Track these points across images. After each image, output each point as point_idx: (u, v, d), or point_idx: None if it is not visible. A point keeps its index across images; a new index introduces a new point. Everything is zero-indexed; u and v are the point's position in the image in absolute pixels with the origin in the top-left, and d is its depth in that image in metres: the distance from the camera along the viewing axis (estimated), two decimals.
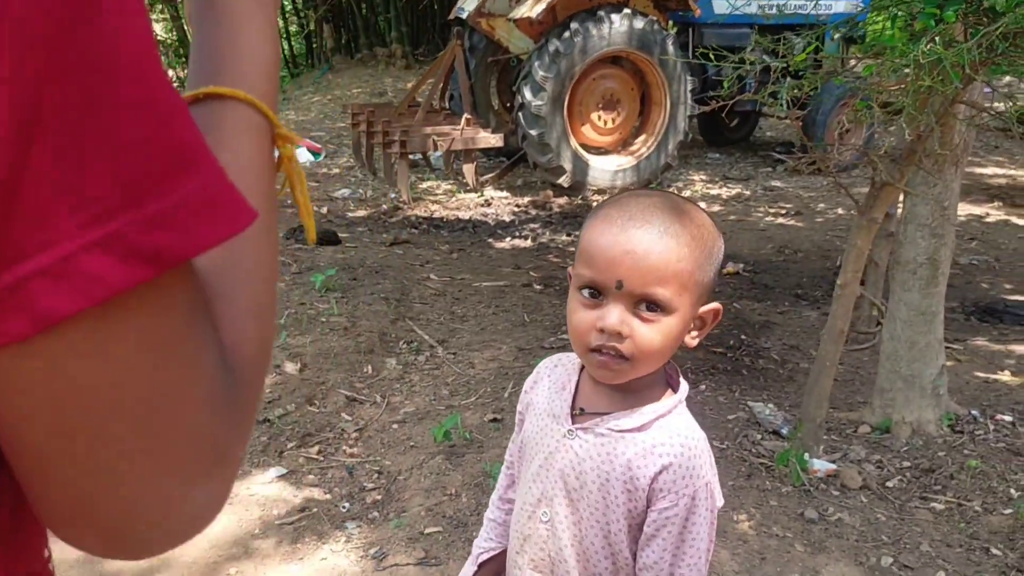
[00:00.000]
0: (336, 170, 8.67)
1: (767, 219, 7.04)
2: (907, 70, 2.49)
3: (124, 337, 0.40)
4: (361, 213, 7.01)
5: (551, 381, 1.26)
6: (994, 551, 2.65)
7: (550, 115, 7.21)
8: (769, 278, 5.60)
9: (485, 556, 1.36)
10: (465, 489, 2.96)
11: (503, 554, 1.33)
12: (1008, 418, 3.47)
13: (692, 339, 1.12)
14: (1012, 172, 8.70)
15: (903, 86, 2.30)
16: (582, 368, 1.22)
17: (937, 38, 2.01)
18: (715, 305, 1.11)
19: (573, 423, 1.18)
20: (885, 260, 4.32)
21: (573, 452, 1.16)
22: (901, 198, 3.51)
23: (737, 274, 5.61)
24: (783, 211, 7.26)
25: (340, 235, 6.10)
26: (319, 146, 9.33)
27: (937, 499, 2.94)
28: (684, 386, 1.19)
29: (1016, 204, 7.46)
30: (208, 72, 0.61)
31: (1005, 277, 5.57)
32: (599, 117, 7.61)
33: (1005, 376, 3.96)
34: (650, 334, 1.05)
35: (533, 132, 7.21)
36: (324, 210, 7.01)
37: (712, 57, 3.16)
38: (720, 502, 1.15)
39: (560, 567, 1.19)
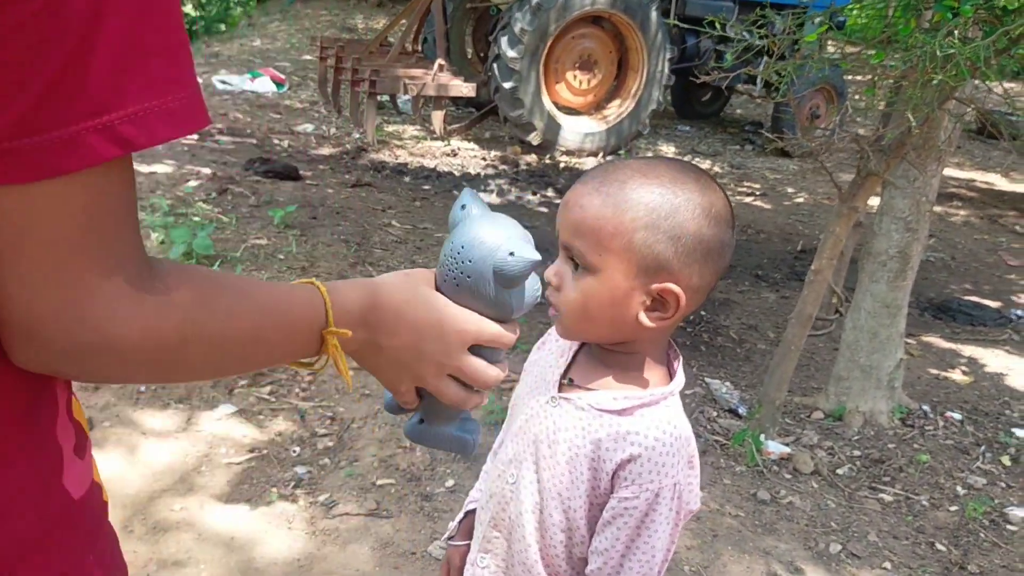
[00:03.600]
0: (299, 104, 8.43)
1: (733, 198, 7.04)
2: (888, 63, 2.47)
3: (95, 183, 0.56)
4: (324, 151, 6.83)
5: (556, 346, 1.21)
6: (939, 546, 2.69)
7: (525, 69, 7.07)
8: (731, 257, 5.60)
9: (472, 506, 1.34)
10: None
11: None
12: (957, 416, 3.53)
13: (651, 319, 1.05)
14: (972, 175, 8.84)
15: (910, 78, 2.26)
16: None
17: (955, 32, 1.97)
18: (669, 285, 1.03)
19: (559, 391, 1.15)
20: (851, 249, 4.34)
21: (551, 420, 1.13)
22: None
23: None
24: (749, 191, 7.28)
25: (301, 171, 5.93)
26: (283, 77, 9.05)
27: (886, 490, 2.98)
28: (679, 378, 1.14)
29: (974, 205, 7.58)
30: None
31: (960, 276, 5.66)
32: (575, 77, 7.49)
33: (956, 375, 4.02)
34: (571, 290, 1.06)
35: (507, 85, 7.08)
36: (286, 143, 6.82)
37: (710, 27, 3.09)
38: (695, 506, 1.11)
39: (517, 531, 1.16)
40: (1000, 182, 8.69)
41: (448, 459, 2.84)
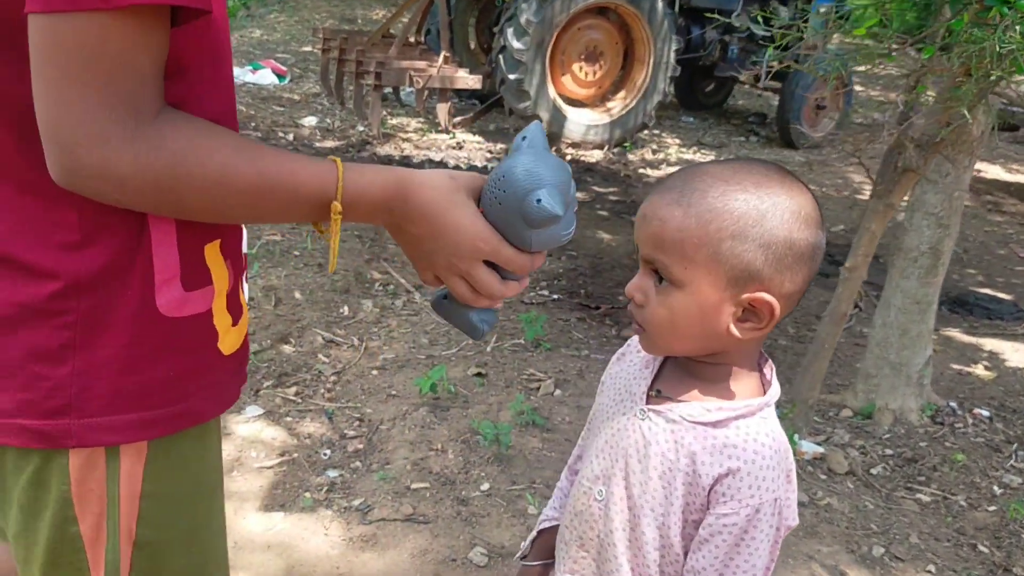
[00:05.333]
0: (298, 96, 8.34)
1: None
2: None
3: (96, 29, 0.72)
4: (329, 144, 6.76)
5: (639, 357, 1.17)
6: (981, 548, 2.66)
7: (531, 61, 7.00)
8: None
9: (546, 525, 1.29)
10: (451, 445, 2.86)
11: None
12: (985, 413, 3.50)
13: (742, 330, 1.02)
14: (981, 165, 8.81)
15: (960, 73, 2.22)
16: None
17: (1018, 26, 1.92)
18: (761, 295, 0.99)
19: (647, 403, 1.10)
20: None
21: (640, 434, 1.08)
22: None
23: None
24: None
25: None
26: (284, 68, 8.96)
27: (922, 490, 2.94)
28: (775, 389, 1.10)
29: (982, 196, 7.56)
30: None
31: (973, 269, 5.64)
32: (580, 68, 7.42)
33: (979, 370, 3.99)
34: (657, 306, 1.02)
35: (512, 77, 7.00)
36: (291, 137, 6.74)
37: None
38: (793, 522, 1.06)
39: (608, 550, 1.12)
40: (1006, 174, 8.68)
41: (481, 461, 2.79)
